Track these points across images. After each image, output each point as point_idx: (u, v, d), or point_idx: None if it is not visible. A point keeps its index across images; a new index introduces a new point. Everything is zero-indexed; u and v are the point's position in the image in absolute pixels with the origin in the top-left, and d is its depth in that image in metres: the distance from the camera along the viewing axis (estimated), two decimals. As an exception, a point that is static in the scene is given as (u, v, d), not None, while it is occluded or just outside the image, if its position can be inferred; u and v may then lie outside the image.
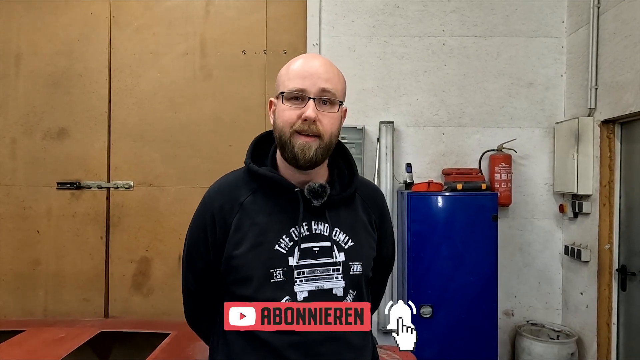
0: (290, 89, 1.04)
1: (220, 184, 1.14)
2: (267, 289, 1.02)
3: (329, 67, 1.07)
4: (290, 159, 1.04)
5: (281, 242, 1.05)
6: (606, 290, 2.71)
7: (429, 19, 3.16)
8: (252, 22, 3.24)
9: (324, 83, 1.04)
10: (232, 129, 3.21)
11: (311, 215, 1.07)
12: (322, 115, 1.03)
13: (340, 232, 1.09)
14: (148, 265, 3.22)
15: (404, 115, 3.17)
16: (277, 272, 1.03)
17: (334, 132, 1.07)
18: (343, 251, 1.08)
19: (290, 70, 1.07)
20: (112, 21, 3.25)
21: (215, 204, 1.09)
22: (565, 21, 3.14)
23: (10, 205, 3.22)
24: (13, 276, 3.21)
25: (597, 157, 2.77)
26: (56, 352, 2.06)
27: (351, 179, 1.15)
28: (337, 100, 1.06)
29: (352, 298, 1.08)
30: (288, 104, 1.04)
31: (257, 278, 1.03)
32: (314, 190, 1.05)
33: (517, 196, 3.12)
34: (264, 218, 1.06)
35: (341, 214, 1.11)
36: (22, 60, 3.24)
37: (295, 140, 1.03)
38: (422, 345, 2.72)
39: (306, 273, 1.04)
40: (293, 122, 1.03)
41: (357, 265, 1.09)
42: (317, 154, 1.03)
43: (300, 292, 1.03)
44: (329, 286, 1.05)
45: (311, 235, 1.06)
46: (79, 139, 3.23)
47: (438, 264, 2.77)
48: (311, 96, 1.03)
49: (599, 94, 2.77)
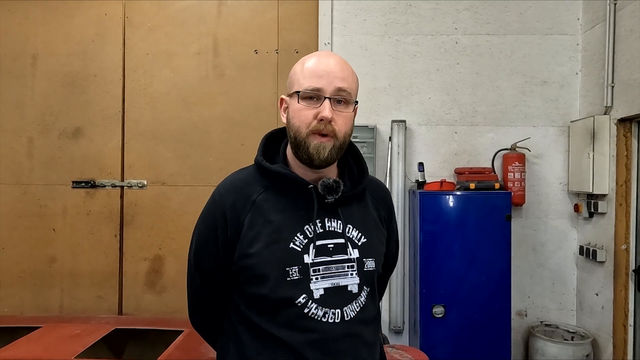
0: (305, 88, 1.03)
1: (232, 181, 1.12)
2: (284, 288, 1.01)
3: (344, 66, 1.06)
4: (304, 159, 1.04)
5: (296, 239, 1.04)
6: (622, 291, 2.67)
7: (442, 17, 3.14)
8: (264, 21, 3.25)
9: (339, 82, 1.03)
10: (245, 128, 3.23)
11: (324, 212, 1.07)
12: (337, 115, 1.03)
13: (353, 229, 1.09)
14: (161, 263, 3.25)
15: (416, 114, 3.15)
16: (294, 270, 1.02)
17: (348, 131, 1.06)
18: (357, 247, 1.08)
19: (305, 69, 1.05)
20: (126, 21, 3.29)
21: (227, 201, 1.07)
22: (580, 18, 3.09)
23: (27, 204, 3.28)
24: (30, 273, 3.26)
25: (613, 156, 2.73)
26: (73, 348, 2.09)
27: (361, 176, 1.15)
28: (352, 100, 1.06)
29: (365, 294, 1.08)
30: (303, 103, 1.03)
31: (273, 277, 1.02)
32: (329, 185, 1.04)
33: (530, 196, 3.09)
34: (278, 215, 1.05)
35: (353, 210, 1.11)
36: (39, 60, 3.30)
37: (310, 140, 1.02)
38: (434, 344, 2.73)
39: (322, 270, 1.04)
40: (309, 122, 1.02)
41: (370, 261, 1.09)
42: (331, 154, 1.03)
43: (316, 290, 1.02)
44: (344, 283, 1.05)
45: (325, 233, 1.06)
46: (93, 138, 3.28)
47: (450, 264, 2.75)
48: (327, 95, 1.02)
49: (615, 92, 2.72)
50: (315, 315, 1.01)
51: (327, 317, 1.02)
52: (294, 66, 1.10)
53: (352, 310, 1.05)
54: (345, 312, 1.04)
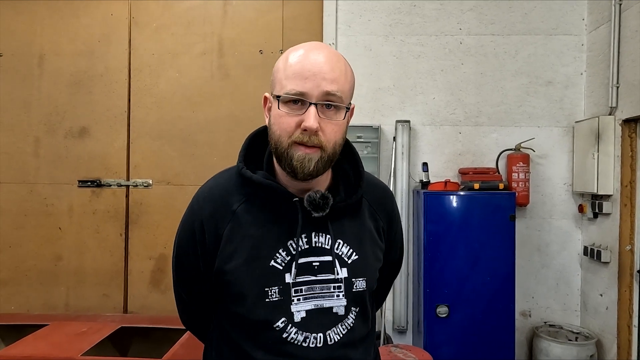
0: (287, 92, 0.88)
1: (211, 188, 1.02)
2: (261, 309, 0.92)
3: (335, 63, 0.90)
4: (287, 171, 0.92)
5: (277, 257, 0.93)
6: (627, 291, 2.67)
7: (446, 17, 3.14)
8: (269, 21, 3.27)
9: (328, 85, 0.87)
10: (249, 128, 3.16)
11: (311, 225, 0.95)
12: (325, 123, 0.88)
13: (343, 245, 0.98)
14: (166, 262, 3.27)
15: (420, 114, 3.16)
16: (273, 290, 0.92)
17: (339, 141, 0.92)
18: (346, 266, 0.97)
19: (289, 66, 0.91)
20: (132, 22, 3.31)
21: (205, 211, 0.97)
22: (585, 19, 3.09)
23: (34, 203, 3.30)
24: (36, 272, 3.29)
25: (618, 156, 2.73)
26: (79, 345, 2.11)
27: (357, 182, 1.01)
28: (344, 106, 0.90)
29: (354, 315, 0.98)
30: (285, 109, 0.89)
31: (250, 297, 0.93)
32: (314, 202, 0.91)
33: (535, 196, 3.09)
34: (258, 230, 0.94)
35: (345, 223, 0.99)
36: (45, 60, 3.32)
37: (293, 151, 0.89)
38: (438, 344, 2.73)
39: (304, 291, 0.94)
40: (291, 132, 0.88)
41: (360, 281, 0.98)
42: (317, 167, 0.90)
43: (297, 312, 0.93)
44: (329, 304, 0.95)
45: (311, 249, 0.95)
46: (99, 137, 3.30)
47: (454, 264, 2.75)
48: (313, 101, 0.87)
49: (620, 92, 2.72)
50: (295, 340, 0.93)
51: (307, 342, 0.93)
52: (278, 60, 0.95)
53: (336, 334, 0.95)
54: (329, 336, 0.94)
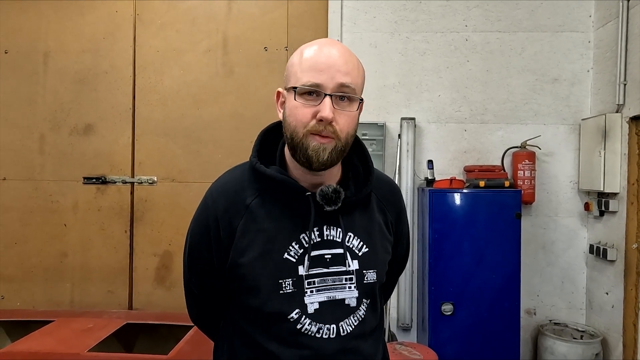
0: (303, 84, 0.92)
1: (224, 184, 1.04)
2: (276, 301, 0.95)
3: (349, 58, 0.94)
4: (302, 161, 0.95)
5: (290, 249, 0.96)
6: (633, 290, 2.66)
7: (452, 14, 3.13)
8: (274, 18, 3.26)
9: (342, 77, 0.92)
10: (254, 125, 3.23)
11: (323, 219, 0.98)
12: (339, 114, 0.92)
13: (354, 238, 1.01)
14: (171, 259, 3.28)
15: (426, 111, 3.14)
16: (287, 282, 0.95)
17: (351, 131, 0.96)
18: (357, 258, 1.00)
19: (304, 60, 0.94)
20: (137, 19, 3.30)
21: (219, 206, 1.00)
22: (592, 16, 3.07)
23: (39, 200, 3.31)
24: (42, 268, 3.30)
25: (625, 154, 2.71)
26: (85, 341, 2.12)
27: (367, 177, 1.05)
28: (357, 97, 0.95)
29: (365, 307, 1.01)
30: (301, 100, 0.93)
31: (265, 289, 0.95)
32: (327, 196, 0.95)
33: (540, 194, 3.07)
34: (272, 223, 0.97)
35: (355, 216, 1.02)
36: (50, 58, 3.32)
37: (309, 141, 0.92)
38: (443, 342, 2.73)
39: (317, 283, 0.97)
40: (307, 122, 0.92)
41: (371, 273, 1.01)
42: (332, 156, 0.93)
43: (310, 304, 0.96)
44: (341, 296, 0.98)
45: (322, 242, 0.98)
46: (104, 135, 3.31)
47: (460, 262, 2.74)
48: (328, 92, 0.91)
49: (627, 89, 2.70)
50: (309, 332, 0.95)
51: (321, 332, 0.96)
52: (292, 56, 0.99)
53: (349, 325, 0.98)
54: (342, 327, 0.97)
